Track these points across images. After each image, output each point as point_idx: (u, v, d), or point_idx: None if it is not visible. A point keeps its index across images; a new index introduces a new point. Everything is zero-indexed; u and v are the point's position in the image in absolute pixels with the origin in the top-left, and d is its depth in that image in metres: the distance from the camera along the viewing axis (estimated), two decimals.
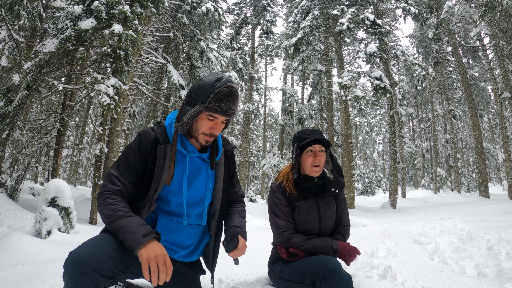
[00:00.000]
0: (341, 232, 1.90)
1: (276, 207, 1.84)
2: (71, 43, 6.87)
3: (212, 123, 1.40)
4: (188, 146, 1.46)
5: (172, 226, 1.46)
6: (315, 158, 1.78)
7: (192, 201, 1.48)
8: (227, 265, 2.39)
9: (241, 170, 19.97)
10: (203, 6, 12.20)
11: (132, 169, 1.40)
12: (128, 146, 1.45)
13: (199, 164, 1.50)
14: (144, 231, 1.19)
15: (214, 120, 1.39)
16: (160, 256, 1.15)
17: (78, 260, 1.13)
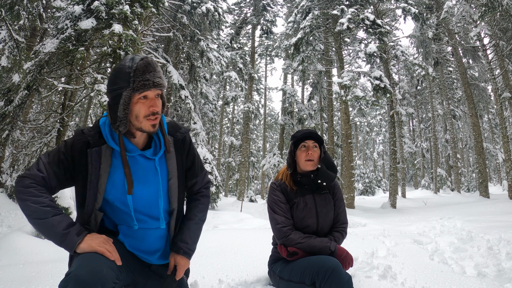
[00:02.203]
0: (338, 230, 1.91)
1: (275, 204, 1.87)
2: (71, 43, 6.87)
3: (148, 102, 1.27)
4: (127, 145, 1.32)
5: (133, 232, 1.36)
6: (308, 152, 1.85)
7: (142, 206, 1.34)
8: (227, 265, 2.39)
9: (241, 170, 19.97)
10: (203, 6, 12.20)
11: (61, 162, 1.28)
12: (64, 140, 1.34)
13: (143, 163, 1.34)
14: (77, 229, 1.17)
15: (147, 98, 1.27)
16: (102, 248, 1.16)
17: (83, 282, 1.08)
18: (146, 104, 1.27)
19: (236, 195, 21.82)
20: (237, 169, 24.30)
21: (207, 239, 3.12)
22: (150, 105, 1.27)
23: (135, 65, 1.25)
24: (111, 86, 1.28)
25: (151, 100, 1.27)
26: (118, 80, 1.26)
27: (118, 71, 1.27)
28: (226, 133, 30.50)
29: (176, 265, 1.39)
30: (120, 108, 1.25)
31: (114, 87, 1.27)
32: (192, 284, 1.95)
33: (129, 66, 1.25)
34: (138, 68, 1.24)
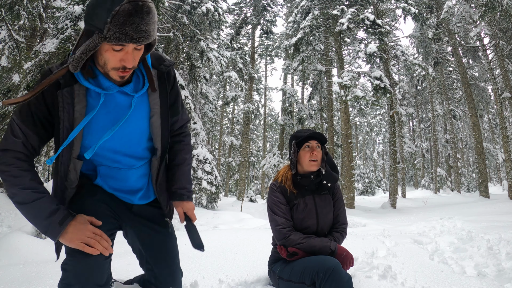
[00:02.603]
0: (338, 230, 1.91)
1: (275, 205, 1.86)
2: (71, 43, 6.87)
3: (121, 54, 1.05)
4: (103, 82, 1.14)
5: (115, 173, 1.27)
6: (312, 153, 1.84)
7: (122, 146, 1.23)
8: (227, 265, 2.39)
9: (241, 170, 19.97)
10: (203, 6, 12.21)
11: (35, 116, 1.12)
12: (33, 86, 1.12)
13: (122, 101, 1.18)
14: (58, 218, 1.06)
15: (122, 49, 1.04)
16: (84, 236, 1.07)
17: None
18: (118, 55, 1.05)
19: (236, 195, 21.82)
20: (237, 169, 24.30)
21: (207, 239, 3.11)
22: (122, 59, 1.06)
23: (117, 7, 0.97)
24: (87, 17, 1.05)
25: (126, 52, 1.05)
26: (94, 17, 1.02)
27: (96, 6, 1.01)
28: (226, 133, 30.50)
29: (186, 211, 1.39)
30: (81, 48, 1.03)
31: (89, 22, 1.04)
32: (192, 284, 1.95)
33: (109, 7, 0.98)
34: (119, 12, 0.96)
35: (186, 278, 2.06)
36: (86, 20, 1.06)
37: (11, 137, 1.11)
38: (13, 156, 1.10)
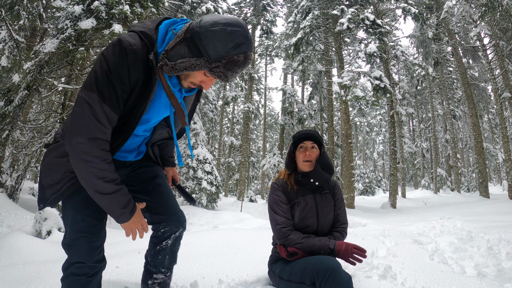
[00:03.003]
0: (338, 230, 1.91)
1: (276, 205, 1.87)
2: (71, 43, 6.87)
3: (207, 80, 1.19)
4: (173, 81, 1.24)
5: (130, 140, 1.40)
6: (306, 153, 1.87)
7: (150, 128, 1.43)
8: (227, 265, 2.39)
9: (241, 170, 19.97)
10: (203, 6, 12.21)
11: (120, 97, 1.14)
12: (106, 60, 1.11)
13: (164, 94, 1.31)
14: (129, 209, 1.22)
15: (209, 78, 1.18)
16: (139, 225, 1.29)
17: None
18: (204, 79, 1.19)
19: (236, 195, 21.82)
20: (237, 169, 24.30)
21: (207, 239, 3.12)
22: (204, 82, 1.20)
23: (235, 56, 1.09)
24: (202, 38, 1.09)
25: (211, 80, 1.19)
26: (210, 47, 1.08)
27: (218, 40, 1.08)
28: (226, 133, 30.50)
29: (174, 175, 1.68)
30: (186, 64, 1.12)
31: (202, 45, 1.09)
32: (192, 284, 1.95)
33: (229, 50, 1.08)
34: (233, 61, 1.09)
35: (186, 278, 2.06)
36: (202, 38, 1.09)
37: (97, 123, 1.11)
38: (100, 147, 1.13)
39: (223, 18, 1.11)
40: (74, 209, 1.31)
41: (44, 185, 1.29)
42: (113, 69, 1.10)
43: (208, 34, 1.08)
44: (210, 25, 1.09)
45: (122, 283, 1.95)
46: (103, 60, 1.12)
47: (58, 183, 1.26)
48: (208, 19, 1.11)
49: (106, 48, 1.16)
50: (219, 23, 1.09)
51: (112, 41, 1.16)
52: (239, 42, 1.09)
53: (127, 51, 1.12)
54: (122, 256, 2.49)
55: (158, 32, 1.21)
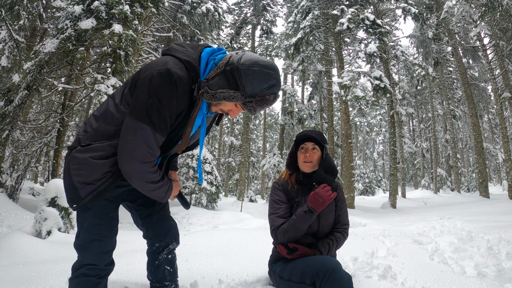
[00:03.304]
0: (340, 231, 1.91)
1: (276, 204, 1.88)
2: (71, 43, 6.87)
3: (235, 109, 1.35)
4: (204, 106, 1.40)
5: None
6: (306, 154, 1.87)
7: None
8: (227, 265, 2.39)
9: (241, 170, 19.97)
10: (203, 6, 12.21)
11: (169, 126, 1.31)
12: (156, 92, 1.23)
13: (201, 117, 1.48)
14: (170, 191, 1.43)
15: (238, 108, 1.35)
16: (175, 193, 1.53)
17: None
18: (234, 109, 1.35)
19: (236, 195, 21.82)
20: (237, 169, 24.31)
21: (207, 239, 3.12)
22: (233, 111, 1.36)
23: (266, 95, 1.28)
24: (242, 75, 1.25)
25: (239, 110, 1.36)
26: (248, 84, 1.25)
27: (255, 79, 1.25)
28: (226, 133, 30.50)
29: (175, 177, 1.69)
30: (225, 95, 1.27)
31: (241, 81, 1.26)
32: (192, 284, 1.95)
33: (263, 89, 1.27)
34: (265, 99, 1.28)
35: (186, 278, 2.06)
36: (242, 75, 1.25)
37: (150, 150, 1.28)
38: (151, 165, 1.31)
39: (262, 60, 1.28)
40: (94, 213, 1.36)
41: (78, 185, 1.31)
42: (164, 102, 1.24)
43: (248, 72, 1.25)
44: (250, 64, 1.25)
45: (122, 283, 1.95)
46: (152, 92, 1.23)
47: (95, 183, 1.31)
48: (249, 58, 1.27)
49: (154, 76, 1.24)
50: (258, 64, 1.26)
51: (159, 69, 1.24)
52: (272, 84, 1.27)
53: (177, 85, 1.25)
54: (122, 256, 2.49)
55: (201, 61, 1.34)
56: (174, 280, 1.73)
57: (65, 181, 1.36)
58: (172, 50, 1.35)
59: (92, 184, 1.30)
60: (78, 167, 1.31)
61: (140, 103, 1.25)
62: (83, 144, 1.34)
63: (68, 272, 2.04)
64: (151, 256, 1.70)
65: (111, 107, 1.37)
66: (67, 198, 1.36)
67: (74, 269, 1.39)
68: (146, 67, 1.32)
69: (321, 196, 1.74)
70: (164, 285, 1.69)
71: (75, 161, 1.33)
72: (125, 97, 1.35)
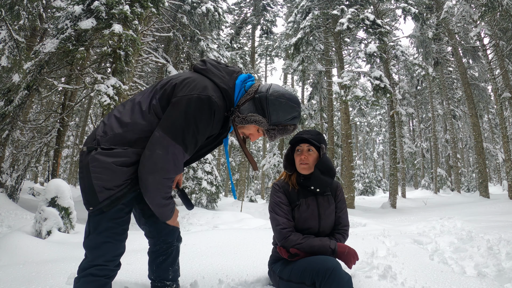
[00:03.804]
0: (340, 232, 1.90)
1: (277, 206, 1.86)
2: (71, 43, 6.87)
3: (256, 134, 1.49)
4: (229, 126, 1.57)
5: None
6: (302, 156, 1.86)
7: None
8: (227, 265, 2.39)
9: (241, 170, 19.97)
10: (203, 6, 12.20)
11: (197, 148, 1.42)
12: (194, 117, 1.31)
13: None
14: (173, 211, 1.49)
15: (259, 134, 1.49)
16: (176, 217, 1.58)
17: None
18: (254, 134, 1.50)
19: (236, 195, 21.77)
20: (237, 169, 24.30)
21: (207, 239, 3.12)
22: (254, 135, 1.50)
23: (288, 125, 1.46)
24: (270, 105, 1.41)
25: (258, 135, 1.50)
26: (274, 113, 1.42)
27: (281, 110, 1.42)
28: None
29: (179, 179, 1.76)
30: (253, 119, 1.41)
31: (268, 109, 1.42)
32: (192, 284, 1.95)
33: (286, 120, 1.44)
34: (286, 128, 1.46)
35: (186, 278, 2.06)
36: (270, 104, 1.42)
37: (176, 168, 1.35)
38: (171, 180, 1.38)
39: (288, 93, 1.46)
40: (109, 217, 1.37)
41: (97, 189, 1.31)
42: (200, 128, 1.33)
43: (275, 102, 1.42)
44: (278, 96, 1.43)
45: (122, 283, 1.95)
46: (191, 115, 1.30)
47: (115, 189, 1.32)
48: (277, 90, 1.44)
49: (193, 100, 1.31)
50: (284, 97, 1.43)
51: (200, 94, 1.32)
52: (295, 116, 1.45)
53: (215, 114, 1.35)
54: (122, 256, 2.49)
55: (235, 89, 1.46)
56: (175, 280, 1.74)
57: (83, 182, 1.35)
58: (209, 72, 1.42)
59: (112, 190, 1.31)
60: (99, 170, 1.31)
61: (176, 123, 1.30)
62: (105, 147, 1.34)
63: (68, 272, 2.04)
64: (153, 255, 1.70)
65: (137, 114, 1.38)
66: (84, 200, 1.36)
67: (82, 269, 1.39)
68: (183, 84, 1.35)
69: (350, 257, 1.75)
70: (165, 284, 1.69)
71: (96, 164, 1.32)
72: (154, 107, 1.38)
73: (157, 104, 1.37)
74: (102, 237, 1.37)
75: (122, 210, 1.39)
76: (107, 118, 1.43)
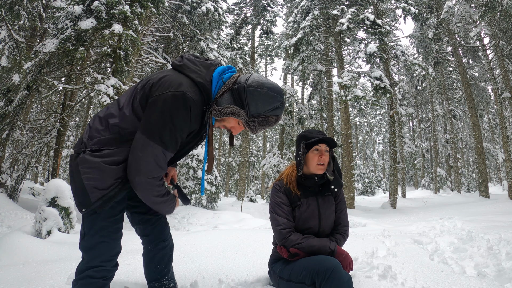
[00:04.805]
0: (340, 232, 1.91)
1: (278, 206, 1.86)
2: (71, 43, 6.87)
3: (237, 127, 1.43)
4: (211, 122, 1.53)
5: None
6: (321, 157, 1.84)
7: None
8: (227, 265, 2.39)
9: (241, 170, 19.97)
10: (203, 6, 12.20)
11: (179, 143, 1.37)
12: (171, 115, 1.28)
13: None
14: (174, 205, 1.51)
15: (240, 126, 1.43)
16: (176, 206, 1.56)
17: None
18: (236, 127, 1.43)
19: (236, 195, 21.81)
20: (237, 169, 24.30)
21: (207, 239, 3.12)
22: (235, 129, 1.44)
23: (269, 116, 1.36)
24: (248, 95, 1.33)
25: (241, 128, 1.44)
26: (253, 104, 1.33)
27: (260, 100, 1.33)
28: (226, 133, 30.46)
29: (173, 175, 1.74)
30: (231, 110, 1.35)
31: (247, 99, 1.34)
32: (192, 284, 1.95)
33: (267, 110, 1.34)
34: (268, 120, 1.37)
35: (186, 278, 2.06)
36: (248, 94, 1.33)
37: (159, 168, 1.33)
38: (158, 180, 1.36)
39: (268, 82, 1.36)
40: (103, 215, 1.36)
41: (89, 189, 1.30)
42: (177, 125, 1.29)
43: (254, 93, 1.33)
44: (256, 86, 1.33)
45: (122, 283, 1.95)
46: (166, 113, 1.27)
47: (107, 189, 1.32)
48: (256, 79, 1.35)
49: (168, 97, 1.28)
50: (264, 86, 1.33)
51: (174, 91, 1.29)
52: (276, 106, 1.35)
53: (191, 109, 1.31)
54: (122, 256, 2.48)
55: (212, 82, 1.40)
56: (172, 279, 1.75)
57: (74, 185, 1.34)
58: (185, 68, 1.38)
59: (103, 190, 1.31)
60: (90, 171, 1.30)
61: (153, 122, 1.28)
62: (92, 149, 1.33)
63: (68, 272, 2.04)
64: (149, 254, 1.71)
65: (121, 116, 1.37)
66: (76, 202, 1.35)
67: (80, 271, 1.38)
68: (159, 84, 1.32)
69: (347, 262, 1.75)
70: (163, 284, 1.70)
71: (86, 165, 1.31)
72: (136, 109, 1.36)
73: (138, 105, 1.36)
74: (98, 237, 1.36)
75: (115, 208, 1.39)
76: (92, 121, 1.42)
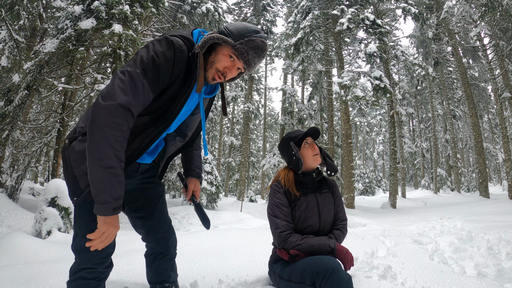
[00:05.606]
0: (339, 228, 1.91)
1: (277, 207, 1.85)
2: (71, 43, 6.87)
3: (230, 64, 1.33)
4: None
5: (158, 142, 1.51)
6: (314, 148, 1.90)
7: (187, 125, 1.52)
8: (227, 265, 2.39)
9: (241, 170, 19.97)
10: (203, 6, 12.21)
11: (160, 80, 1.22)
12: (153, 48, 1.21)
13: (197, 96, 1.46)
14: (116, 204, 1.12)
15: (233, 62, 1.33)
16: (112, 232, 1.17)
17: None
18: (228, 63, 1.33)
19: (236, 195, 21.81)
20: (237, 169, 24.31)
21: (207, 239, 3.12)
22: (228, 68, 1.33)
23: (254, 37, 1.30)
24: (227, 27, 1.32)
25: (233, 65, 1.33)
26: (235, 30, 1.30)
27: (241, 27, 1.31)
28: (226, 133, 30.49)
29: (196, 190, 1.65)
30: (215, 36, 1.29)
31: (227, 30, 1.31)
32: (192, 284, 1.95)
33: (250, 32, 1.30)
34: (254, 41, 1.30)
35: (186, 278, 2.06)
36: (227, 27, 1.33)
37: (132, 93, 1.14)
38: (126, 118, 1.12)
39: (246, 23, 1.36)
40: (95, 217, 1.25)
41: (78, 176, 1.25)
42: (160, 55, 1.20)
43: (232, 24, 1.35)
44: (234, 23, 1.35)
45: (122, 283, 1.95)
46: (150, 48, 1.22)
47: None
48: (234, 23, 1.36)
49: (152, 42, 1.25)
50: (241, 23, 1.35)
51: (157, 38, 1.27)
52: (257, 30, 1.33)
53: (174, 45, 1.24)
54: (122, 256, 2.49)
55: (193, 36, 1.38)
56: (175, 281, 1.73)
57: (66, 174, 1.32)
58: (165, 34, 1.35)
59: None
60: (79, 157, 1.25)
61: (136, 56, 1.21)
62: (82, 133, 1.29)
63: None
64: (150, 257, 1.69)
65: None
66: (69, 192, 1.32)
67: (72, 272, 1.36)
68: None
69: (348, 259, 1.75)
70: (164, 287, 1.69)
71: (75, 152, 1.28)
72: None
73: None
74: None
75: None
76: (87, 111, 1.39)
